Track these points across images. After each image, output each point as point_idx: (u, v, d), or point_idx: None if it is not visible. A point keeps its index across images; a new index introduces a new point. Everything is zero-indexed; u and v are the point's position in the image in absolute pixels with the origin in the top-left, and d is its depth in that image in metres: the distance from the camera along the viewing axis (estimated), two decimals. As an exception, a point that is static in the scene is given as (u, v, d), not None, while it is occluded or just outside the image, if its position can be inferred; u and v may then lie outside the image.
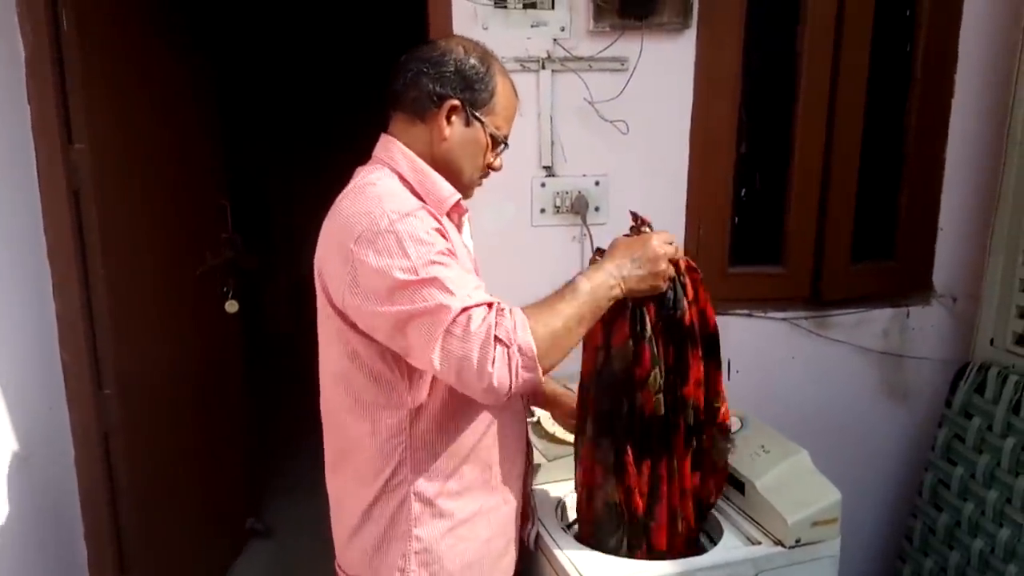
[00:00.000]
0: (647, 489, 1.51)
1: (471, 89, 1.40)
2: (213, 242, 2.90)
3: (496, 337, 1.21)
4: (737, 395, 2.07)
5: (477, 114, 1.42)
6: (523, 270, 2.12)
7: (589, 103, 2.24)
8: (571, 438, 1.86)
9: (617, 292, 1.37)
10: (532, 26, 2.20)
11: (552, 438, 1.88)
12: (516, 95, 1.49)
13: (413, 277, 1.23)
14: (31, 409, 2.14)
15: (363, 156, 1.50)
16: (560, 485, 1.78)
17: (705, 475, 1.57)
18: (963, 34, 2.43)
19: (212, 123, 2.96)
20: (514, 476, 1.51)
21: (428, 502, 1.39)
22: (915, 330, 2.56)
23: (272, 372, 4.43)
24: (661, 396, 1.47)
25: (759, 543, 1.58)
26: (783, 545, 1.56)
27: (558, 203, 2.31)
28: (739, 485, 1.68)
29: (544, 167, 2.29)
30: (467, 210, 1.50)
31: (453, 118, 1.41)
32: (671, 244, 1.43)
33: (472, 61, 1.41)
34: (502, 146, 1.48)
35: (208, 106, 2.92)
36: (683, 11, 2.21)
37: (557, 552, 1.55)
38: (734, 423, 1.82)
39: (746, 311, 2.46)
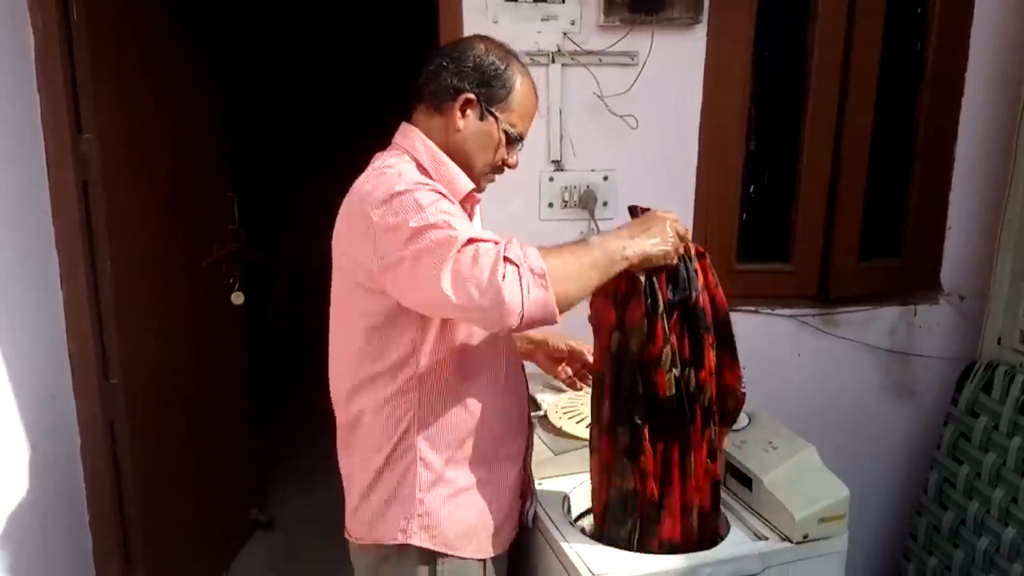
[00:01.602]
0: (660, 473, 1.50)
1: (488, 84, 1.45)
2: (219, 234, 2.90)
3: (506, 257, 1.25)
4: (744, 391, 2.08)
5: (492, 109, 1.46)
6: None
7: (598, 97, 2.24)
8: (578, 431, 1.87)
9: (629, 253, 1.37)
10: (542, 20, 2.20)
11: (559, 432, 1.88)
12: (536, 96, 1.53)
13: (425, 223, 1.28)
14: (38, 398, 2.14)
15: (369, 151, 1.53)
16: (567, 479, 1.78)
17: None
18: (974, 32, 2.42)
19: (219, 116, 2.96)
20: (513, 452, 1.56)
21: (433, 468, 1.45)
22: (922, 328, 2.56)
23: (275, 364, 4.43)
24: (673, 376, 1.46)
25: (766, 538, 1.58)
26: (790, 541, 1.56)
27: (566, 197, 2.31)
28: (747, 481, 1.68)
29: (553, 161, 2.29)
30: (479, 200, 1.55)
31: (468, 111, 1.45)
32: (677, 220, 1.45)
33: (491, 58, 1.46)
34: (518, 143, 1.51)
35: (215, 99, 2.92)
36: (694, 6, 2.21)
37: (564, 545, 1.55)
38: (742, 419, 1.82)
39: (753, 308, 2.45)
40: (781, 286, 2.51)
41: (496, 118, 1.47)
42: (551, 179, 2.30)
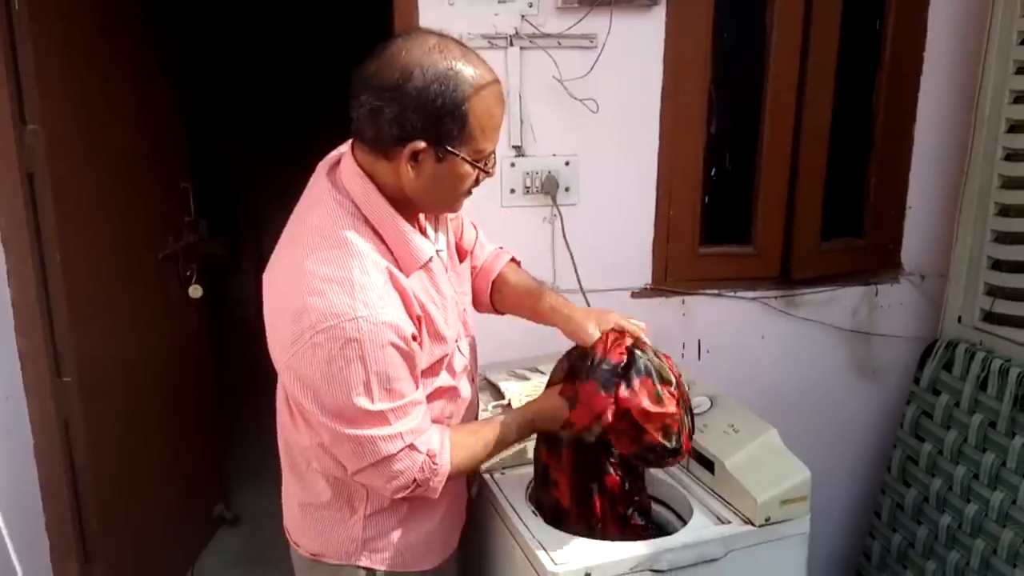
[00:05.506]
0: None
1: (437, 124, 1.20)
2: (175, 226, 2.84)
3: (415, 481, 1.31)
4: (707, 375, 2.08)
5: (450, 148, 1.23)
6: (491, 251, 2.09)
7: (558, 81, 2.21)
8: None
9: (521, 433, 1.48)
10: (499, 2, 2.15)
11: (522, 420, 1.86)
12: (500, 96, 1.27)
13: (367, 407, 1.23)
14: (-12, 398, 2.09)
15: (331, 138, 1.44)
16: (530, 467, 1.76)
17: None
18: (932, 12, 2.42)
19: (174, 105, 2.89)
20: None
21: (380, 498, 1.41)
22: (883, 308, 2.57)
23: (238, 359, 4.36)
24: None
25: (728, 522, 1.58)
26: (752, 524, 1.56)
27: (528, 184, 2.28)
28: (708, 464, 1.68)
29: (514, 147, 2.26)
30: (437, 255, 1.41)
31: (420, 157, 1.23)
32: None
33: (433, 89, 1.18)
34: (492, 156, 1.32)
35: (171, 87, 2.85)
36: (652, -13, 2.19)
37: (525, 534, 1.53)
38: (703, 402, 1.82)
39: (716, 291, 2.45)
40: (744, 268, 2.50)
41: (456, 154, 1.23)
42: (512, 164, 2.27)
